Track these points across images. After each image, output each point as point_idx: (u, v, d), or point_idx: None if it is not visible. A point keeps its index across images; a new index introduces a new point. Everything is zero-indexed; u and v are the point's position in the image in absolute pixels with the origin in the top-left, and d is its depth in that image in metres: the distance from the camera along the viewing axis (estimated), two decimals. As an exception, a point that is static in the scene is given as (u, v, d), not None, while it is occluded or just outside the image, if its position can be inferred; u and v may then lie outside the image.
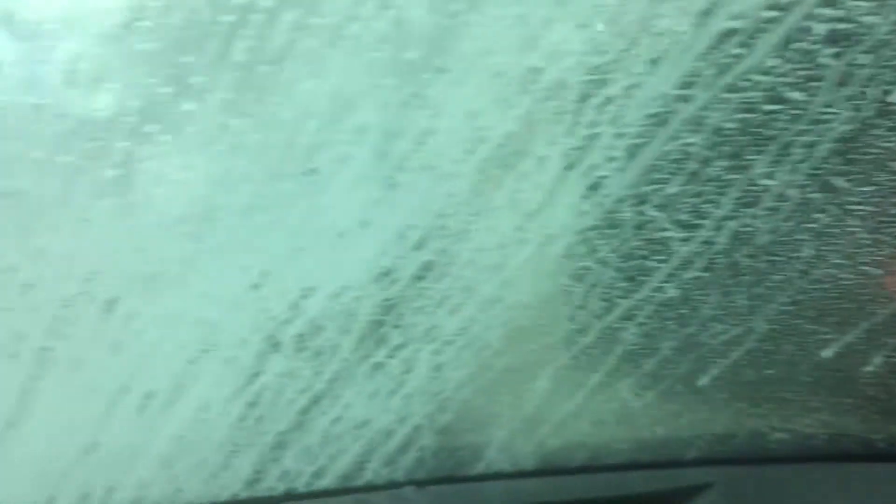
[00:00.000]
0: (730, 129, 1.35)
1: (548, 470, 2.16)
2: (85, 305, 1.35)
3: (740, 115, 1.31)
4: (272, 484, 1.99)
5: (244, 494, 2.00)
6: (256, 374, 1.68)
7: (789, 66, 1.27)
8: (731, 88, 1.25)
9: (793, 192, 1.46)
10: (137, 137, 1.14)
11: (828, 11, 1.22)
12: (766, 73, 1.27)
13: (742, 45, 1.20)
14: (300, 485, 2.00)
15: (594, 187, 1.44)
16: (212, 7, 1.01)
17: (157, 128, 1.14)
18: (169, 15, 1.01)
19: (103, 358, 1.47)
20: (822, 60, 1.25)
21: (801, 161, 1.41)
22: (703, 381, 1.95)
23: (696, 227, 1.55)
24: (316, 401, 1.82)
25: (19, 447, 1.57)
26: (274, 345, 1.62)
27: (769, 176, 1.43)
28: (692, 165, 1.40)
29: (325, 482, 2.02)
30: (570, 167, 1.40)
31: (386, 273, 1.55)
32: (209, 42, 1.06)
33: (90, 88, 1.06)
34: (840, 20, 1.22)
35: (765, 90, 1.28)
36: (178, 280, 1.38)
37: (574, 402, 2.02)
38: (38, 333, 1.36)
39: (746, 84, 1.25)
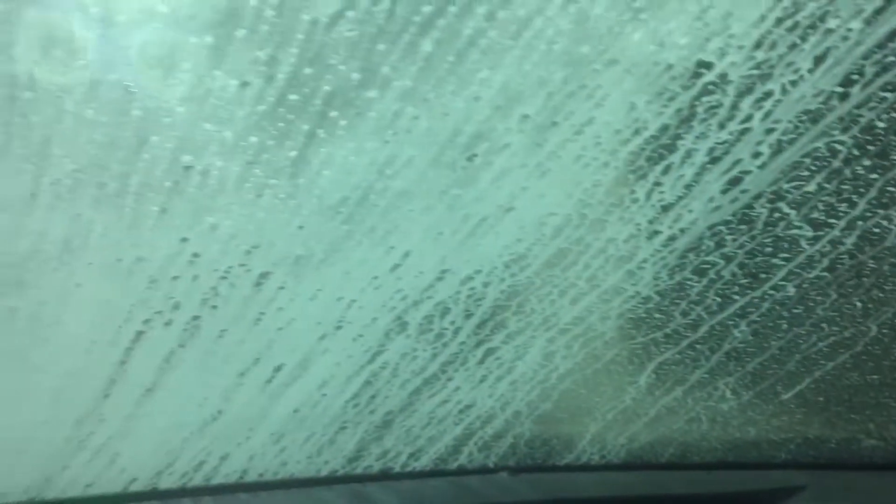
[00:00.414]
0: (880, 128, 1.36)
1: (637, 464, 2.18)
2: (240, 279, 1.39)
3: (893, 115, 1.32)
4: (371, 463, 2.03)
5: (343, 471, 2.04)
6: (378, 353, 1.71)
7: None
8: (890, 87, 1.26)
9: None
10: (321, 121, 1.17)
11: None
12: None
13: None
14: (397, 465, 2.04)
15: (734, 182, 1.46)
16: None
17: (338, 113, 1.17)
18: (377, 4, 1.04)
19: (244, 330, 1.51)
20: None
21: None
22: (804, 383, 1.95)
23: (827, 226, 1.55)
24: (427, 382, 1.85)
25: (151, 412, 1.62)
26: (401, 325, 1.65)
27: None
28: (835, 164, 1.41)
29: (421, 464, 2.05)
30: (714, 162, 1.41)
31: (518, 259, 1.57)
32: (405, 32, 1.09)
33: (287, 74, 1.10)
34: None
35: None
36: (325, 259, 1.41)
37: (671, 397, 2.03)
38: (193, 303, 1.40)
39: (907, 84, 1.25)
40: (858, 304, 1.74)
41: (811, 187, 1.47)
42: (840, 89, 1.28)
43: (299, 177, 1.23)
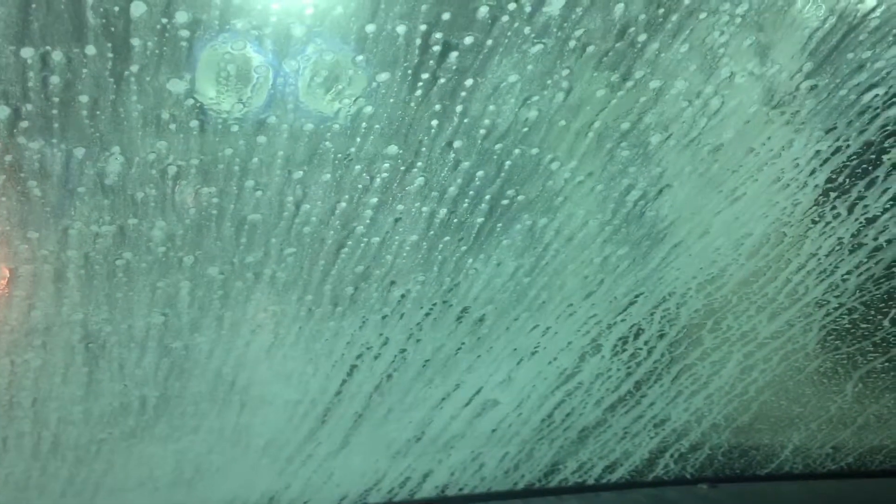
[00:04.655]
0: None
1: (844, 472, 2.11)
2: (442, 314, 1.47)
3: None
4: (566, 476, 2.07)
5: (539, 485, 2.10)
6: (573, 375, 1.76)
7: None
8: None
9: None
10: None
11: None
12: None
13: None
14: (592, 477, 2.07)
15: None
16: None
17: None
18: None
19: (445, 359, 1.59)
20: None
21: None
22: None
23: None
24: (622, 400, 1.88)
25: (362, 435, 1.73)
26: (595, 347, 1.69)
27: None
28: None
29: (617, 475, 2.08)
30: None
31: (712, 280, 1.57)
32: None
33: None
34: None
35: None
36: (522, 292, 1.47)
37: (881, 405, 1.96)
38: (400, 338, 1.50)
39: None
40: None
41: None
42: None
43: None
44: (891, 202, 1.39)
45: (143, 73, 0.97)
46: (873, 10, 1.11)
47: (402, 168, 1.17)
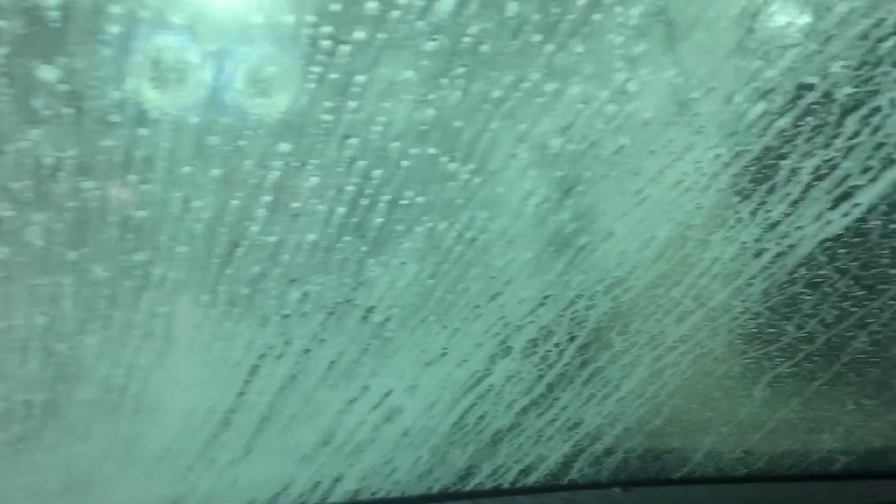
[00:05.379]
0: None
1: (755, 476, 2.14)
2: (347, 313, 1.45)
3: None
4: (482, 480, 2.06)
5: (454, 488, 2.09)
6: (484, 377, 1.75)
7: None
8: None
9: None
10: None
11: None
12: None
13: None
14: (507, 481, 2.07)
15: (844, 197, 1.42)
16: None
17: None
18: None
19: (352, 360, 1.57)
20: None
21: None
22: (933, 391, 1.88)
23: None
24: (534, 403, 1.88)
25: (268, 438, 1.70)
26: (505, 349, 1.68)
27: None
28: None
29: (532, 479, 2.08)
30: (821, 179, 1.38)
31: (620, 282, 1.58)
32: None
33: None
34: None
35: None
36: (427, 292, 1.46)
37: (789, 409, 1.99)
38: (303, 338, 1.47)
39: None
40: None
41: (929, 198, 1.42)
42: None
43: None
44: (791, 207, 1.40)
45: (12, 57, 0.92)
46: (771, 14, 1.12)
47: (296, 165, 1.13)
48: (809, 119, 1.26)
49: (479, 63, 1.08)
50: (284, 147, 1.12)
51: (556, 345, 1.69)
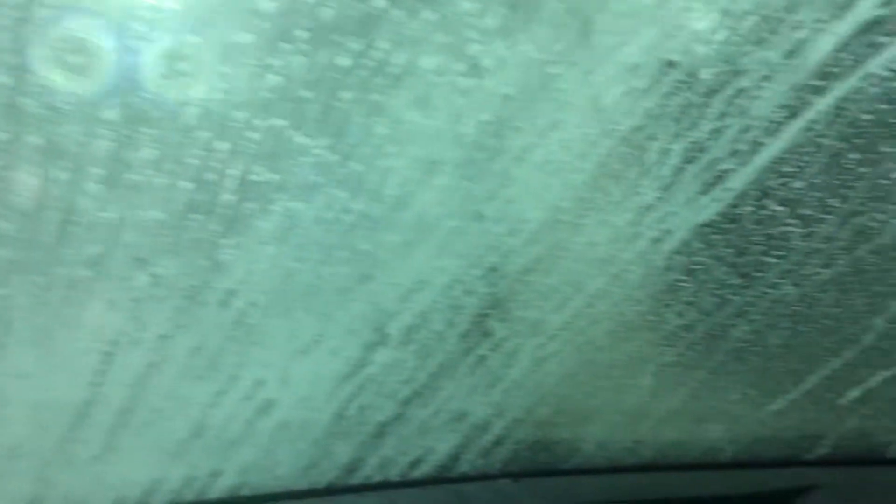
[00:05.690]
0: (865, 121, 1.30)
1: (642, 466, 2.14)
2: (205, 296, 1.37)
3: (879, 107, 1.26)
4: (369, 472, 2.01)
5: (341, 482, 2.03)
6: (362, 366, 1.69)
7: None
8: (871, 79, 1.20)
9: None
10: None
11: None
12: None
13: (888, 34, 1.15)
14: (396, 474, 2.02)
15: (715, 182, 1.40)
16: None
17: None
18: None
19: (217, 347, 1.49)
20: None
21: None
22: (813, 379, 1.90)
23: (819, 222, 1.49)
24: (417, 392, 1.83)
25: (132, 431, 1.61)
26: (382, 336, 1.62)
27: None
28: (822, 159, 1.35)
29: (421, 472, 2.03)
30: (691, 161, 1.36)
31: (495, 267, 1.53)
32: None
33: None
34: None
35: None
36: (291, 274, 1.39)
37: (676, 399, 1.99)
38: (159, 323, 1.39)
39: (889, 74, 1.19)
40: (863, 299, 1.68)
41: (799, 184, 1.41)
42: (818, 83, 1.22)
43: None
44: (663, 191, 1.38)
45: None
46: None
47: (127, 136, 1.05)
48: (675, 99, 1.22)
49: (323, 28, 1.01)
50: (110, 115, 1.03)
51: (436, 332, 1.64)
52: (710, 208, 1.46)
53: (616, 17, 1.11)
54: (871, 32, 1.17)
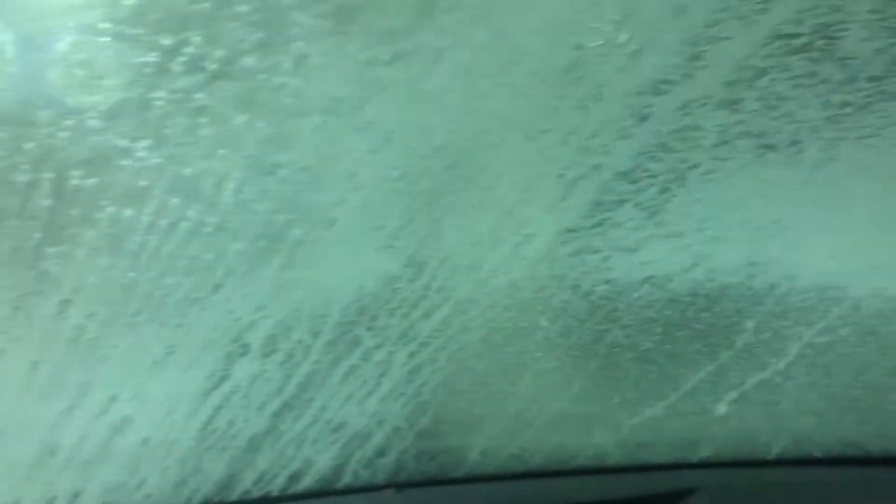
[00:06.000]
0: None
1: (529, 473, 2.12)
2: (36, 306, 1.29)
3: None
4: (247, 487, 1.94)
5: (218, 498, 1.96)
6: (224, 378, 1.63)
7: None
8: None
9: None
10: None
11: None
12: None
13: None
14: (276, 488, 1.96)
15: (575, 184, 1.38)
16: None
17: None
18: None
19: (58, 361, 1.41)
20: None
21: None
22: (689, 384, 1.90)
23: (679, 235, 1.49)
24: (288, 404, 1.77)
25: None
26: (242, 347, 1.56)
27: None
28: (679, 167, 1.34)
29: (303, 485, 1.97)
30: (551, 164, 1.33)
31: (354, 275, 1.49)
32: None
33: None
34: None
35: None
36: (135, 283, 1.32)
37: (558, 405, 1.97)
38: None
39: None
40: (731, 302, 1.68)
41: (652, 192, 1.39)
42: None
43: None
44: (523, 193, 1.34)
45: None
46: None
47: None
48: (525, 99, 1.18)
49: (125, 21, 0.93)
50: None
51: (299, 341, 1.58)
52: (574, 212, 1.43)
53: (445, 14, 1.06)
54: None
